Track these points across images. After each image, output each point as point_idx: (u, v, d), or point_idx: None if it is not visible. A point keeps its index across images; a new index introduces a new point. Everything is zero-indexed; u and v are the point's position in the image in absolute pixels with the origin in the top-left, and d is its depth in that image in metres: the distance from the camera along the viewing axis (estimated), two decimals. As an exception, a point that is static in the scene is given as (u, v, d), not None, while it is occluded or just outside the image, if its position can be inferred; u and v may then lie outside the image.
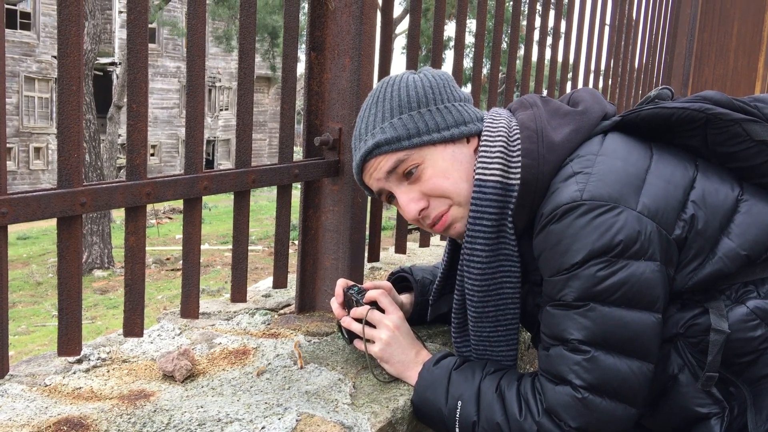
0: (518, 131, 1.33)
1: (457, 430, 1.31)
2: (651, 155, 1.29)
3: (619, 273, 1.16)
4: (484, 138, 1.34)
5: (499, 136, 1.33)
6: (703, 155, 1.32)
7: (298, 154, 1.81)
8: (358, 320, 1.50)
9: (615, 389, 1.17)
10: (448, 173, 1.33)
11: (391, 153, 1.33)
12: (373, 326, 1.48)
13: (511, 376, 1.32)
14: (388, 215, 16.15)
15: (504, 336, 1.40)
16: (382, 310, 1.49)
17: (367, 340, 1.48)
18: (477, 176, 1.32)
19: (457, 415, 1.30)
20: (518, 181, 1.29)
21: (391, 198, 1.41)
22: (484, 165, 1.32)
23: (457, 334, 1.49)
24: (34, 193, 1.22)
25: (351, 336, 1.55)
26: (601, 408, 1.18)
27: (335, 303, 1.57)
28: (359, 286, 1.58)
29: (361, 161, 1.37)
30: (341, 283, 1.58)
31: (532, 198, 1.28)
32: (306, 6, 1.78)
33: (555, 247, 1.21)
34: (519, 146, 1.31)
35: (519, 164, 1.30)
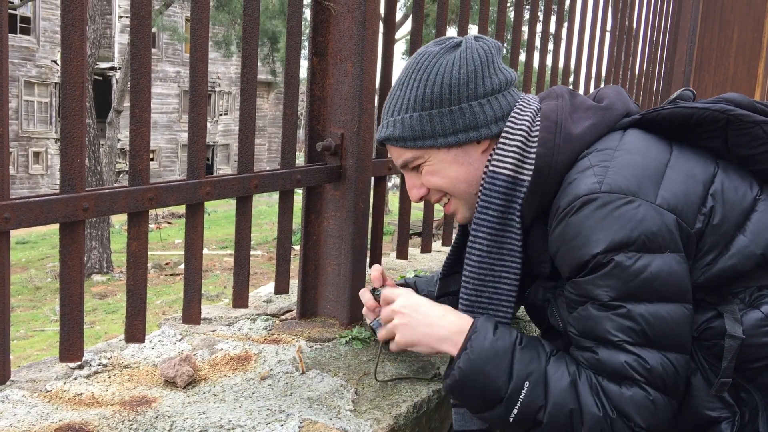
0: (539, 127, 1.33)
1: (515, 410, 1.20)
2: (671, 151, 1.29)
3: (649, 268, 1.15)
4: (505, 133, 1.34)
5: (520, 130, 1.33)
6: (723, 157, 1.32)
7: (299, 159, 1.81)
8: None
9: (665, 383, 1.16)
10: (443, 173, 1.38)
11: (399, 148, 1.41)
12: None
13: (573, 363, 1.24)
14: (389, 220, 16.14)
15: None
16: None
17: (385, 343, 1.46)
18: (491, 168, 1.33)
19: (522, 396, 1.20)
20: (529, 176, 1.29)
21: None
22: (499, 158, 1.32)
23: None
24: (37, 199, 1.21)
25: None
26: (661, 404, 1.16)
27: (366, 295, 1.58)
28: (386, 286, 1.59)
29: (377, 142, 1.49)
30: (375, 275, 1.59)
31: (544, 187, 1.28)
32: (308, 11, 1.78)
33: (574, 240, 1.19)
34: (536, 142, 1.31)
35: (534, 158, 1.30)
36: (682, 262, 1.18)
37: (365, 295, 1.60)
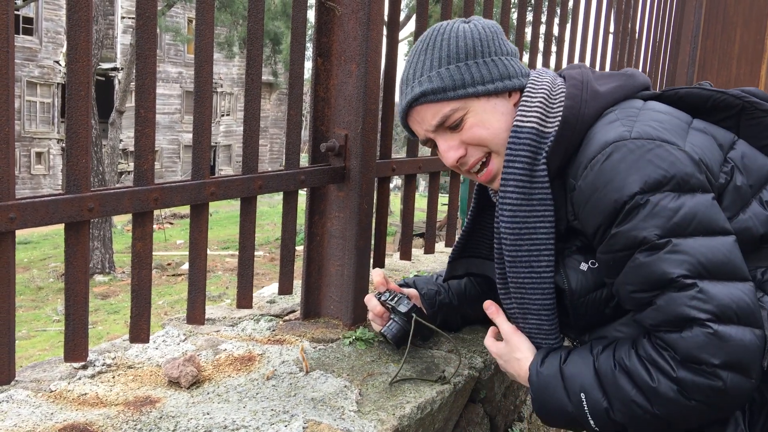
0: (562, 87, 1.35)
1: (591, 422, 1.23)
2: (692, 117, 1.32)
3: (686, 204, 1.14)
4: (527, 90, 1.36)
5: (541, 89, 1.35)
6: None
7: (302, 159, 1.81)
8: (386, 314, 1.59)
9: (736, 313, 1.11)
10: (488, 123, 1.35)
11: (437, 103, 1.34)
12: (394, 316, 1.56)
13: (622, 346, 1.23)
14: (390, 221, 16.13)
15: (539, 283, 1.35)
16: (422, 314, 1.58)
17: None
18: (515, 123, 1.33)
19: (586, 408, 1.23)
20: (554, 128, 1.30)
21: (435, 144, 1.43)
22: (523, 113, 1.33)
23: (501, 284, 1.45)
24: (43, 199, 1.21)
25: (399, 337, 1.58)
26: (733, 336, 1.10)
27: (373, 301, 1.61)
28: (390, 290, 1.61)
29: (407, 107, 1.39)
30: (379, 280, 1.60)
31: (570, 138, 1.28)
32: (312, 12, 1.78)
33: (608, 185, 1.18)
34: (560, 99, 1.33)
35: (559, 113, 1.31)
36: (715, 202, 1.18)
37: (372, 301, 1.61)
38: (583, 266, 1.33)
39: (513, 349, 1.40)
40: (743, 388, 1.11)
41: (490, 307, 1.46)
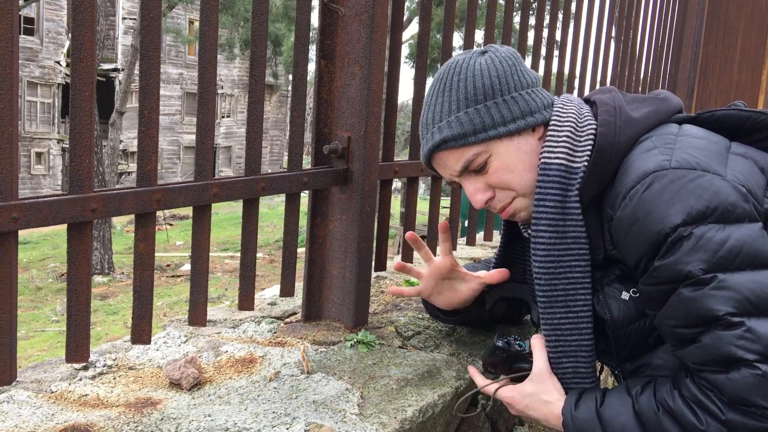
0: (588, 117, 1.33)
1: None
2: (730, 141, 1.29)
3: (732, 236, 1.10)
4: (552, 123, 1.33)
5: (567, 121, 1.32)
6: None
7: (305, 161, 1.81)
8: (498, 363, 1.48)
9: None
10: (512, 166, 1.32)
11: (459, 148, 1.33)
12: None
13: (662, 386, 1.21)
14: (391, 224, 16.09)
15: (575, 323, 1.33)
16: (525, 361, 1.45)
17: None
18: (542, 160, 1.30)
19: None
20: (584, 161, 1.28)
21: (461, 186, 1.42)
22: (550, 149, 1.30)
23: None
24: (46, 199, 1.21)
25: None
26: None
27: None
28: (513, 336, 1.48)
29: (428, 153, 1.38)
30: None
31: (605, 167, 1.26)
32: (317, 14, 1.78)
33: (649, 216, 1.15)
34: (588, 131, 1.30)
35: (587, 144, 1.29)
36: (764, 231, 1.14)
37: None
38: (625, 295, 1.30)
39: (542, 391, 1.35)
40: None
41: (536, 339, 1.40)
